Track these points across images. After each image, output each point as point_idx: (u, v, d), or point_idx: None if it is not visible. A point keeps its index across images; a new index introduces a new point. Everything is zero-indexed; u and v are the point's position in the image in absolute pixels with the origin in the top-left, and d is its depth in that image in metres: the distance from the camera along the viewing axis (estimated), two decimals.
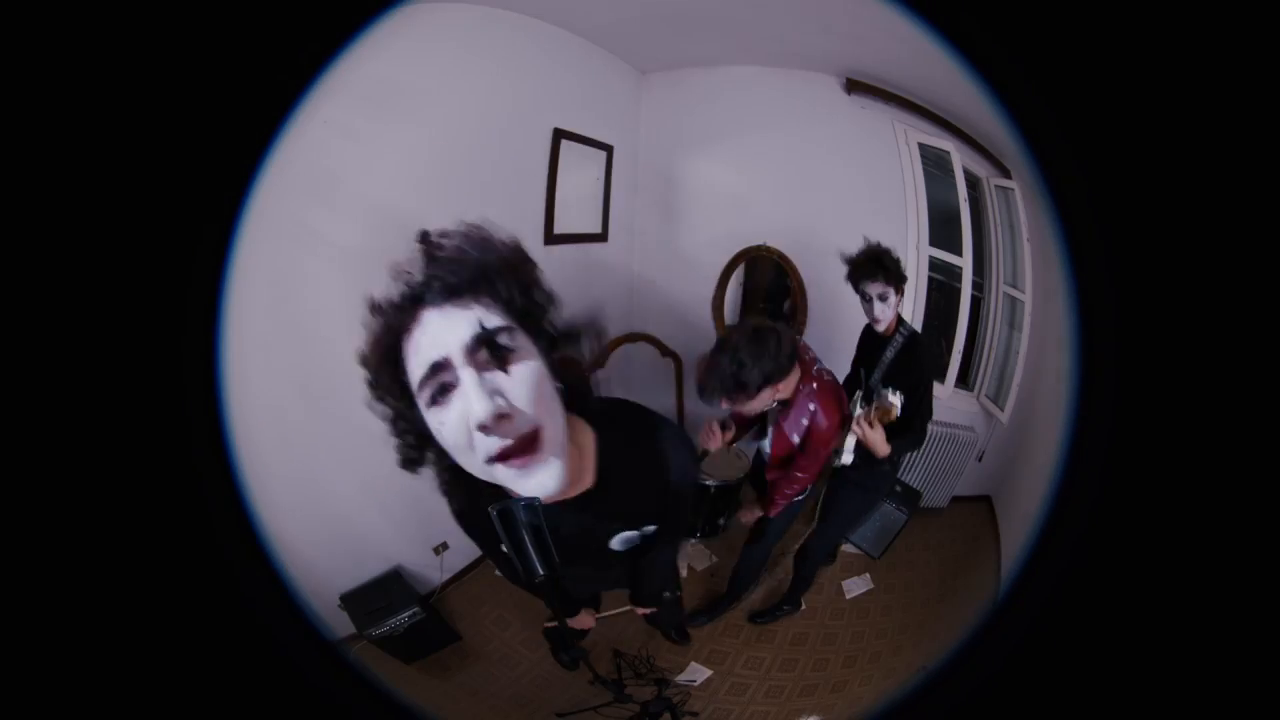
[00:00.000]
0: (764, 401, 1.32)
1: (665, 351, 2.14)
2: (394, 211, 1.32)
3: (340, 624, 1.30)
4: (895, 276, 1.41)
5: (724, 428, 1.50)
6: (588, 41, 1.72)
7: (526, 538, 0.90)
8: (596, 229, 1.94)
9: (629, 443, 0.88)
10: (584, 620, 1.23)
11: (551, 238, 1.75)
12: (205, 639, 0.70)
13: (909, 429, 1.37)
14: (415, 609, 1.33)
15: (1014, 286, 1.52)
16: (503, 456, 0.69)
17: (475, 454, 0.69)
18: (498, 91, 1.51)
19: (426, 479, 0.88)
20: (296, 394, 1.04)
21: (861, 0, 1.19)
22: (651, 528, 0.95)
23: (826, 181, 1.72)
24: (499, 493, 0.78)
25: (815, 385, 1.36)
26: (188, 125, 0.68)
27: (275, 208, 0.81)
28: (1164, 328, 0.67)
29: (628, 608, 1.26)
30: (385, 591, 1.34)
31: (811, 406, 1.35)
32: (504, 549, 0.81)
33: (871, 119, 1.60)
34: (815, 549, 1.58)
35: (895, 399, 1.25)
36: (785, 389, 1.32)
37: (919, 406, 1.41)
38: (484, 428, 0.65)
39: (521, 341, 0.70)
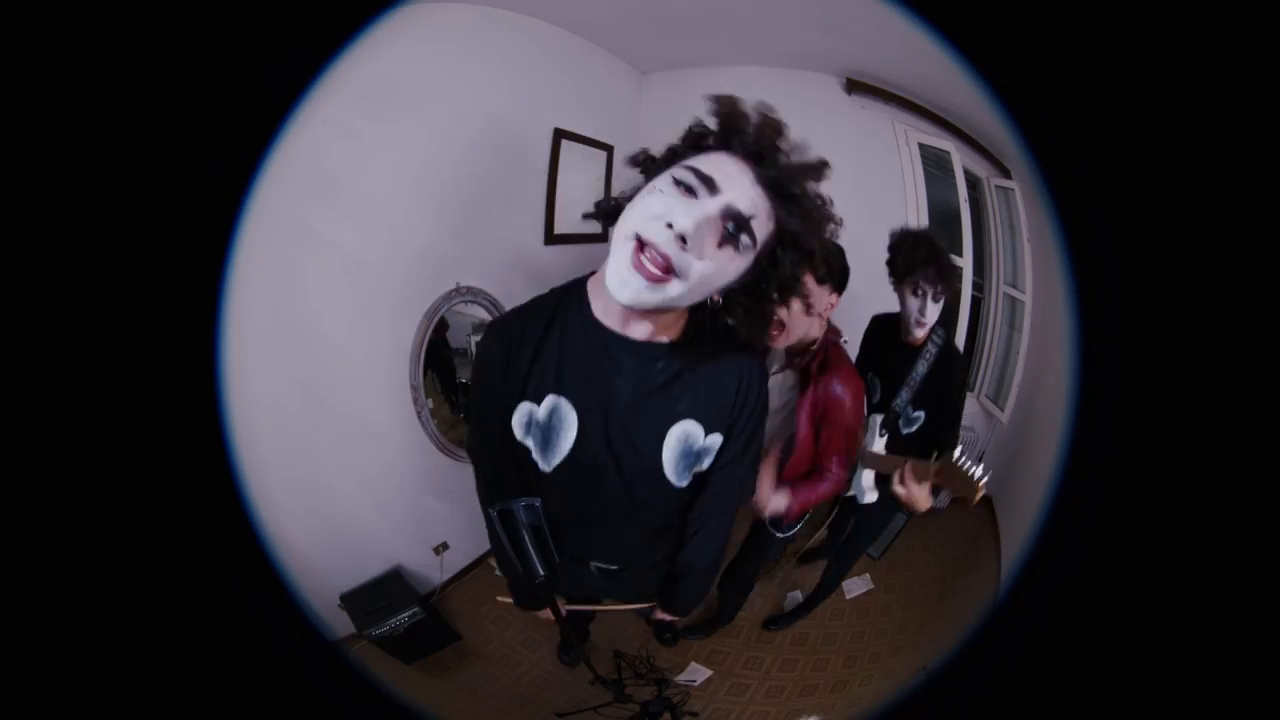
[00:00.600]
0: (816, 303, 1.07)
1: None
2: (394, 213, 1.32)
3: (340, 624, 1.30)
4: (950, 271, 1.16)
5: None
6: (588, 41, 1.72)
7: (527, 538, 0.90)
8: (597, 229, 1.94)
9: (721, 351, 0.88)
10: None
11: (552, 238, 1.74)
12: (205, 639, 0.70)
13: (942, 446, 1.17)
14: (415, 609, 1.33)
15: (1014, 286, 1.52)
16: (644, 249, 0.75)
17: (645, 224, 0.75)
18: (498, 91, 1.51)
19: (427, 480, 0.88)
20: (297, 394, 1.04)
21: (861, 0, 1.19)
22: (716, 439, 0.90)
23: (826, 181, 1.72)
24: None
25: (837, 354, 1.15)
26: (188, 125, 0.68)
27: (275, 207, 0.80)
28: (1164, 328, 0.67)
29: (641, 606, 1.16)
30: (385, 591, 1.34)
31: (838, 387, 1.13)
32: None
33: (872, 119, 1.60)
34: (838, 569, 1.55)
35: (979, 475, 0.97)
36: (818, 320, 1.11)
37: (951, 426, 1.25)
38: (670, 226, 0.73)
39: (749, 251, 0.78)
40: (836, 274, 1.11)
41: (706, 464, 0.93)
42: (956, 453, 1.03)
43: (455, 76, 1.39)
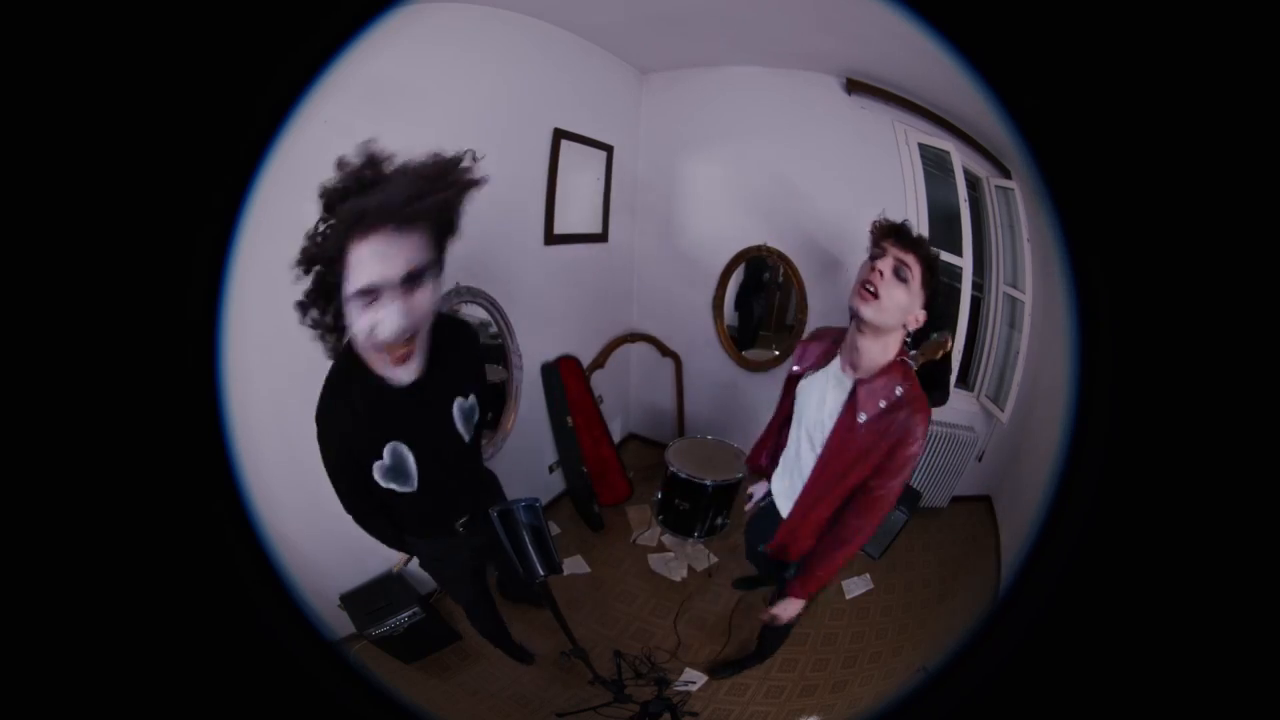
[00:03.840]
0: (909, 302, 1.02)
1: (665, 351, 2.14)
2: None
3: (340, 624, 1.30)
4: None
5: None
6: (588, 42, 1.72)
7: (527, 538, 0.90)
8: (597, 229, 1.94)
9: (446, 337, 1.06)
10: None
11: (552, 238, 1.75)
12: (206, 639, 0.70)
13: (938, 386, 1.36)
14: (415, 609, 1.33)
15: (1014, 286, 1.52)
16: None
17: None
18: (498, 91, 1.51)
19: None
20: (297, 394, 1.04)
21: (861, 0, 1.19)
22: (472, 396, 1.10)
23: (826, 182, 1.72)
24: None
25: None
26: (189, 126, 0.68)
27: (276, 207, 0.80)
28: (1163, 327, 0.67)
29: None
30: (385, 591, 1.34)
31: (899, 390, 1.02)
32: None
33: (872, 119, 1.60)
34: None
35: (944, 336, 1.28)
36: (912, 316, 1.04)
37: (945, 366, 1.42)
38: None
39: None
40: (931, 289, 1.05)
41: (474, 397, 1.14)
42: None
43: (455, 76, 1.39)
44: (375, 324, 0.89)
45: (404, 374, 0.96)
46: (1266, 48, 0.62)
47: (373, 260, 0.86)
